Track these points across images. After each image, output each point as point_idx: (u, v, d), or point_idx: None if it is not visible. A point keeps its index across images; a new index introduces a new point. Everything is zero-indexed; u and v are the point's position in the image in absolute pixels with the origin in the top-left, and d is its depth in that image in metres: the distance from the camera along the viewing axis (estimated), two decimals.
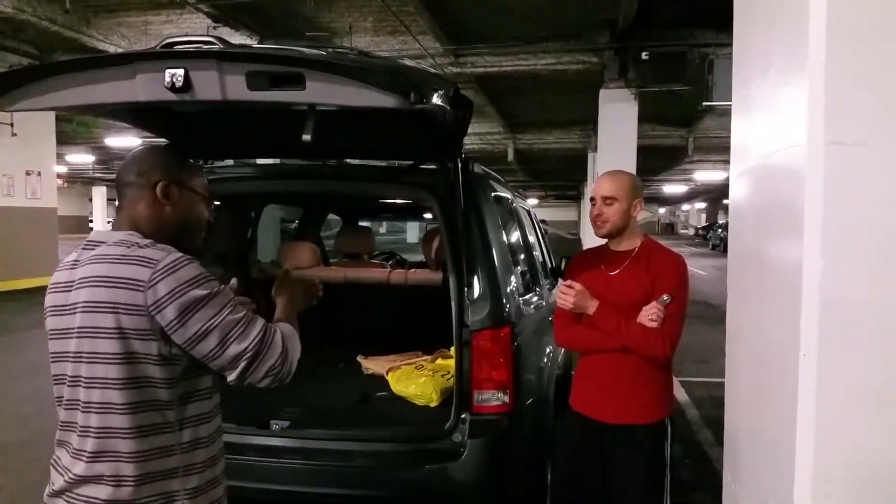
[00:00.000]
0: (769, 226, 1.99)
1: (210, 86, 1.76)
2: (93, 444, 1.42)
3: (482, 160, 3.27)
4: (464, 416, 2.63)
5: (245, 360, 1.46)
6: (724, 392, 2.41)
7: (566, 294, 2.38)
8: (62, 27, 9.01)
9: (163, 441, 1.44)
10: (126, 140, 17.41)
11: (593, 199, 2.46)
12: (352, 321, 4.17)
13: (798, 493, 1.66)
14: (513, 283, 3.01)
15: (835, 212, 1.61)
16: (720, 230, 31.15)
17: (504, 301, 2.76)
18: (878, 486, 1.63)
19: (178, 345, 1.42)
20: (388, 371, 3.46)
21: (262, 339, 1.49)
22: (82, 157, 23.29)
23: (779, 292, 1.83)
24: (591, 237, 2.62)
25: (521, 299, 3.12)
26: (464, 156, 2.71)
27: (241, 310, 1.50)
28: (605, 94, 10.45)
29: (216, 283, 1.48)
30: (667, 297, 2.28)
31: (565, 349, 3.61)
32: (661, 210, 57.60)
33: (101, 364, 1.41)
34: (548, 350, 3.42)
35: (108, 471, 1.41)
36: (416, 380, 3.26)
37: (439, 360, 3.51)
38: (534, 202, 37.22)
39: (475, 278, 2.71)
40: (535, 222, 4.97)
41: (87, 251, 1.48)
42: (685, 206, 58.62)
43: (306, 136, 1.89)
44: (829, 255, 1.61)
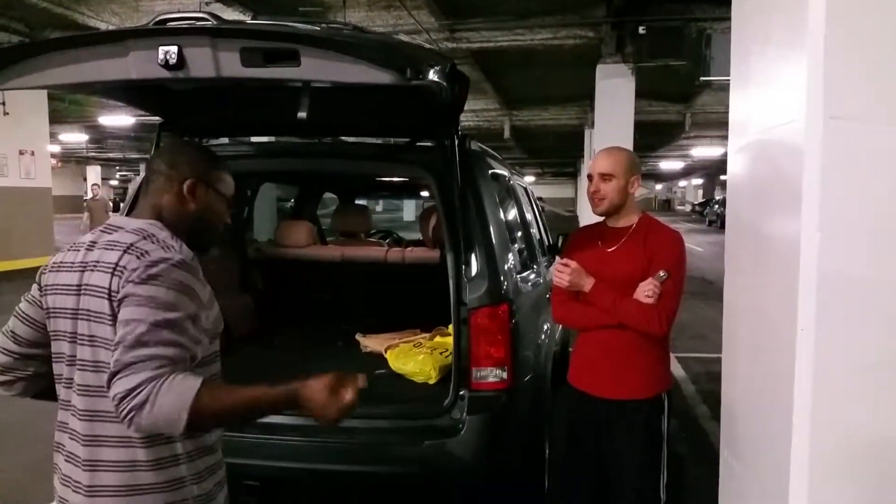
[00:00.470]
0: (767, 201, 1.98)
1: (204, 63, 1.75)
2: (86, 428, 1.43)
3: (478, 137, 3.25)
4: (462, 392, 2.65)
5: (111, 373, 1.29)
6: (720, 367, 2.42)
7: (562, 272, 2.39)
8: (52, 3, 8.87)
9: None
10: (119, 119, 17.28)
11: (590, 176, 2.46)
12: (349, 299, 4.18)
13: (795, 467, 1.68)
14: (510, 260, 3.01)
15: (833, 187, 1.61)
16: (717, 206, 31.13)
17: (502, 278, 2.76)
18: (874, 460, 1.64)
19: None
20: (387, 349, 3.47)
21: (149, 377, 1.26)
22: (76, 137, 23.12)
23: (776, 267, 1.84)
24: (588, 214, 2.62)
25: (518, 277, 3.12)
26: (460, 133, 2.69)
27: (161, 332, 1.31)
28: (601, 70, 10.37)
29: (177, 298, 1.36)
30: (663, 273, 2.28)
31: (563, 326, 3.62)
32: (658, 186, 57.54)
33: (101, 349, 1.40)
34: (545, 327, 3.43)
35: (110, 456, 1.42)
36: (414, 357, 3.27)
37: (437, 338, 3.52)
38: (531, 179, 37.15)
39: (473, 256, 2.71)
40: (532, 199, 4.97)
41: (105, 235, 1.48)
42: (682, 183, 58.57)
43: (302, 114, 1.87)
44: (826, 230, 1.61)
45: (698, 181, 53.15)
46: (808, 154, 1.62)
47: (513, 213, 3.80)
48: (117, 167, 42.96)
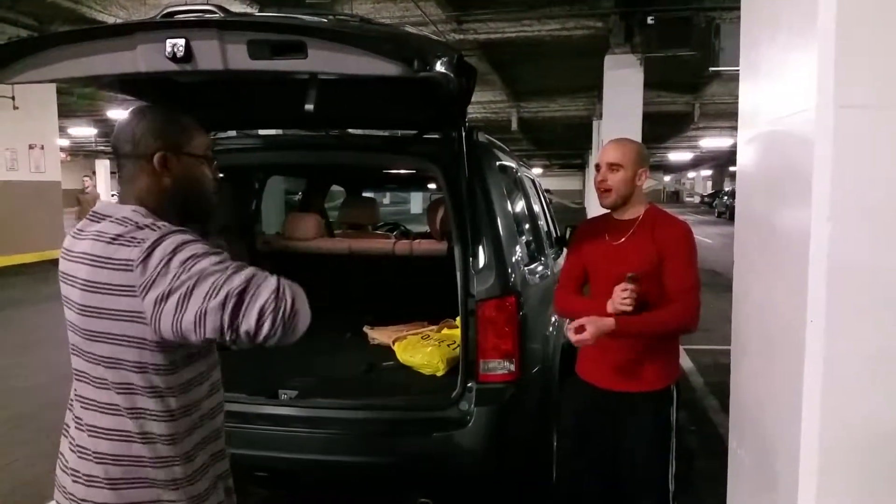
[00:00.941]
0: (777, 191, 1.97)
1: (211, 55, 1.75)
2: (91, 418, 1.44)
3: (486, 129, 3.25)
4: (470, 384, 2.65)
5: (233, 302, 1.28)
6: (729, 359, 2.41)
7: (581, 335, 2.25)
8: None
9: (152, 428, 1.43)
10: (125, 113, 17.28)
11: (598, 166, 2.45)
12: (357, 292, 4.18)
13: (804, 458, 1.67)
14: (518, 252, 3.01)
15: (843, 177, 1.59)
16: (726, 197, 30.97)
17: (509, 270, 2.76)
18: (884, 451, 1.63)
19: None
20: (395, 341, 3.48)
21: (248, 280, 1.31)
22: (85, 130, 23.20)
23: (786, 258, 1.82)
24: (595, 206, 2.61)
25: (526, 269, 3.12)
26: (468, 125, 2.69)
27: (224, 263, 1.34)
28: (610, 60, 10.32)
29: (202, 246, 1.37)
30: (631, 275, 2.25)
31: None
32: (667, 178, 57.26)
33: (105, 343, 1.40)
34: (553, 319, 3.43)
35: (108, 449, 1.43)
36: (422, 349, 3.28)
37: (445, 330, 3.53)
38: (538, 171, 37.07)
39: (480, 248, 2.71)
40: (539, 191, 4.95)
41: (92, 223, 1.45)
42: (691, 174, 58.27)
43: (309, 106, 1.87)
44: (837, 221, 1.60)
45: (707, 172, 52.89)
46: (819, 144, 1.61)
47: (520, 205, 3.80)
48: None
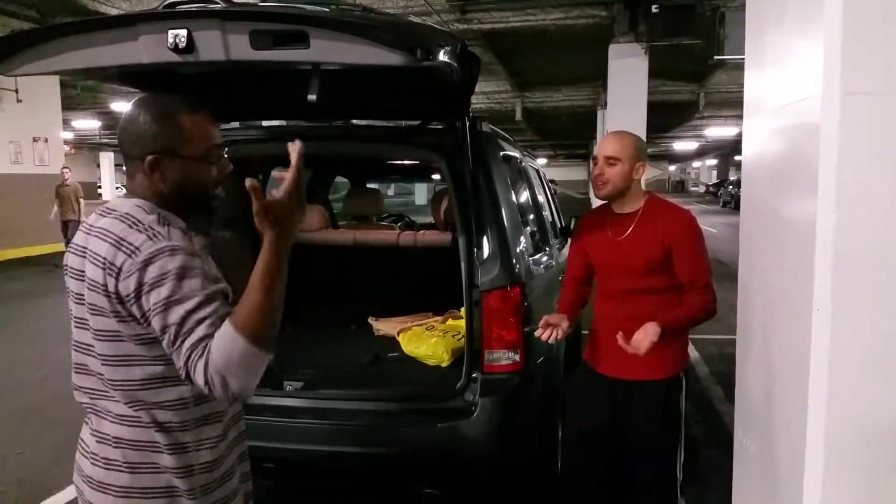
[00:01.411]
0: (783, 180, 1.96)
1: (213, 46, 1.74)
2: (106, 406, 1.44)
3: (490, 120, 3.24)
4: (475, 375, 2.65)
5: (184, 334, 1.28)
6: (734, 349, 2.41)
7: (641, 347, 2.20)
8: None
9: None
10: (129, 105, 17.28)
11: (595, 158, 2.44)
12: (362, 283, 4.18)
13: (810, 448, 1.67)
14: (522, 243, 3.00)
15: (850, 165, 1.58)
16: (731, 187, 30.87)
17: (514, 261, 2.75)
18: (890, 441, 1.63)
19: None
20: (399, 332, 3.48)
21: (192, 350, 1.27)
22: (88, 123, 23.23)
23: (792, 247, 1.81)
24: None
25: (530, 259, 3.11)
26: (471, 115, 2.68)
27: (204, 300, 1.30)
28: (614, 49, 10.26)
29: (188, 283, 1.32)
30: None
31: None
32: (672, 167, 57.10)
33: (100, 341, 1.40)
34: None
35: (111, 432, 1.43)
36: (427, 340, 3.28)
37: (450, 321, 3.53)
38: (542, 162, 36.98)
39: (484, 239, 2.70)
40: (544, 182, 4.94)
41: (101, 218, 1.44)
42: (696, 164, 58.07)
43: (312, 96, 1.86)
44: (843, 209, 1.59)
45: (712, 162, 52.73)
46: (825, 131, 1.59)
47: (525, 196, 3.79)
48: None
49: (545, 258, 3.56)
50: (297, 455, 2.72)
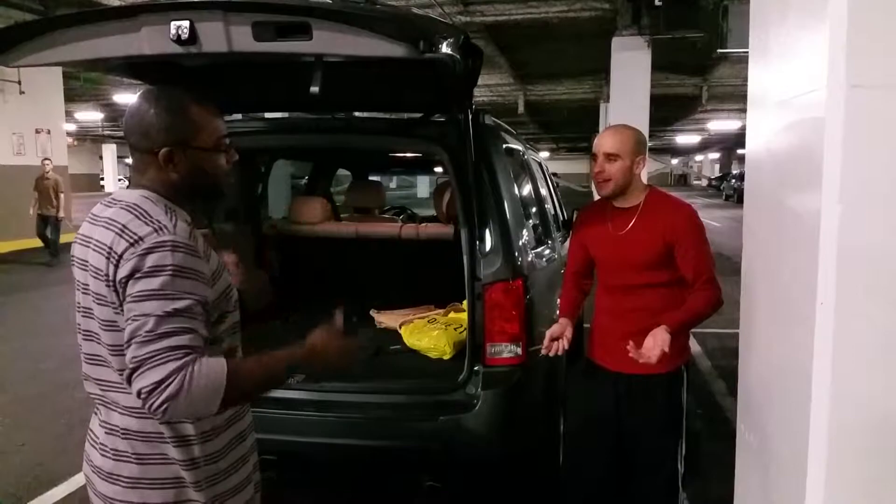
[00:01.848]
0: (787, 173, 1.95)
1: (216, 37, 1.74)
2: (114, 397, 1.45)
3: (492, 112, 3.23)
4: (477, 368, 2.66)
5: (129, 370, 1.28)
6: (736, 343, 2.41)
7: (652, 355, 2.17)
8: None
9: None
10: (135, 97, 17.27)
11: (595, 155, 2.41)
12: (364, 276, 4.18)
13: (813, 441, 1.67)
14: (525, 235, 3.00)
15: (855, 158, 1.57)
16: (734, 180, 30.80)
17: (516, 254, 2.75)
18: (894, 435, 1.62)
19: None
20: (402, 325, 3.48)
21: (150, 356, 1.26)
22: (91, 115, 23.22)
23: (796, 241, 1.81)
24: None
25: (533, 252, 3.11)
26: (474, 107, 2.67)
27: (175, 320, 1.29)
28: (617, 42, 10.22)
29: (182, 284, 1.32)
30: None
31: None
32: (674, 161, 56.98)
33: (107, 332, 1.40)
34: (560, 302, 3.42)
35: (118, 422, 1.44)
36: (429, 333, 3.28)
37: (452, 314, 3.53)
38: (545, 155, 36.93)
39: (487, 231, 2.70)
40: (546, 175, 4.93)
41: (106, 208, 1.45)
42: (698, 157, 57.93)
43: (314, 88, 1.86)
44: (848, 202, 1.58)
45: (715, 155, 52.58)
46: (830, 124, 1.58)
47: (527, 189, 3.78)
48: None
49: (547, 251, 3.55)
50: (299, 447, 2.73)
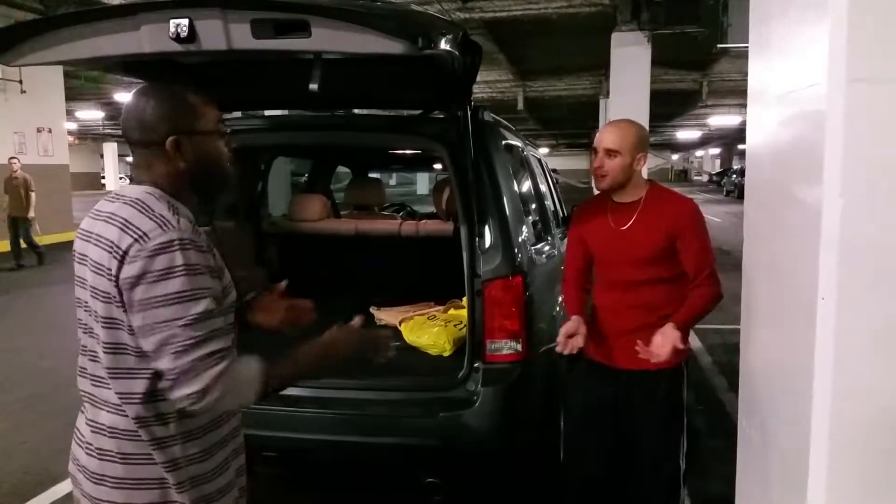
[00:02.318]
0: (788, 168, 1.94)
1: (215, 35, 1.74)
2: (102, 394, 1.44)
3: (491, 109, 3.22)
4: (476, 365, 2.65)
5: (169, 380, 1.33)
6: (737, 339, 2.40)
7: (661, 354, 2.19)
8: None
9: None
10: (129, 97, 17.28)
11: (595, 150, 2.39)
12: (364, 273, 4.18)
13: (815, 437, 1.67)
14: (524, 232, 3.00)
15: (856, 152, 1.57)
16: (735, 176, 30.75)
17: (516, 250, 2.75)
18: None
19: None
20: (401, 322, 3.48)
21: (189, 367, 1.32)
22: (92, 114, 23.25)
23: (797, 235, 1.80)
24: None
25: (532, 249, 3.11)
26: (473, 104, 2.66)
27: (202, 325, 1.33)
28: (617, 38, 10.23)
29: (196, 282, 1.34)
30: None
31: None
32: (675, 156, 56.90)
33: (104, 328, 1.40)
34: (560, 299, 3.42)
35: (105, 421, 1.43)
36: (428, 330, 3.28)
37: (452, 311, 3.52)
38: (545, 151, 36.90)
39: (486, 228, 2.70)
40: (546, 171, 4.93)
41: (109, 204, 1.44)
42: (699, 153, 57.87)
43: (313, 86, 1.86)
44: (849, 196, 1.57)
45: (715, 151, 52.57)
46: (830, 118, 1.58)
47: (527, 185, 3.77)
48: None
49: (547, 248, 3.55)
50: (299, 444, 2.73)
